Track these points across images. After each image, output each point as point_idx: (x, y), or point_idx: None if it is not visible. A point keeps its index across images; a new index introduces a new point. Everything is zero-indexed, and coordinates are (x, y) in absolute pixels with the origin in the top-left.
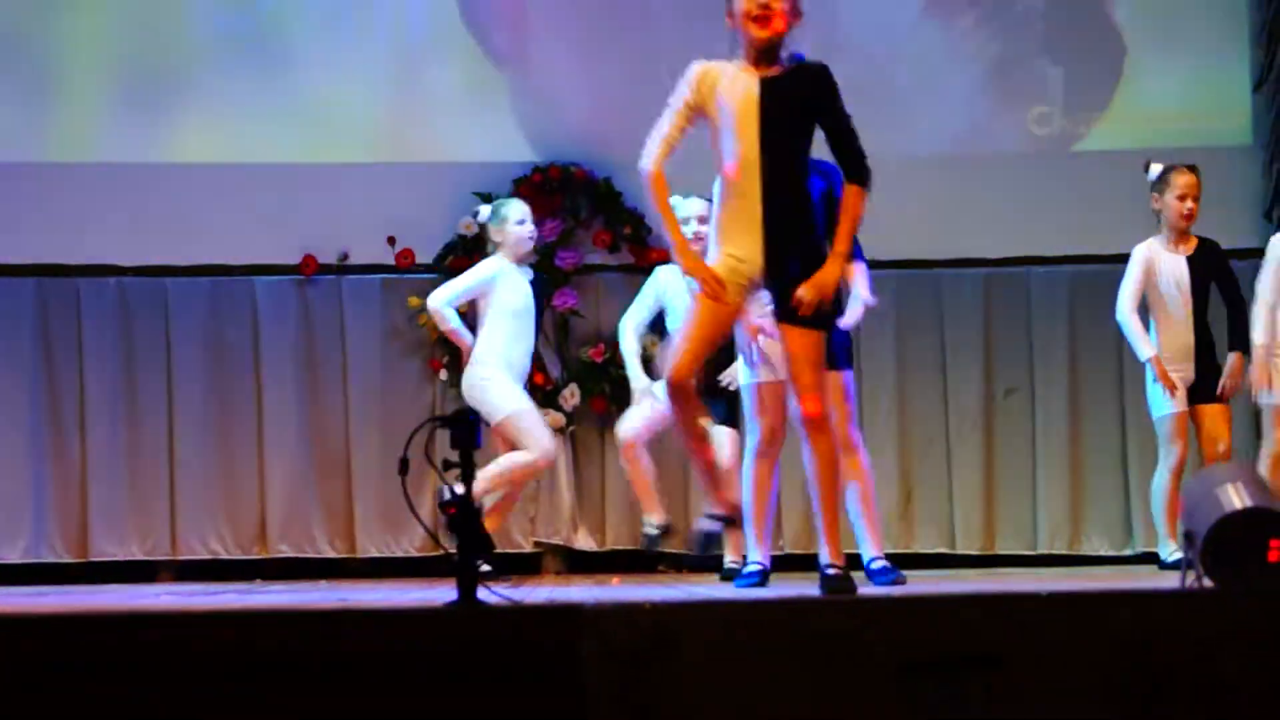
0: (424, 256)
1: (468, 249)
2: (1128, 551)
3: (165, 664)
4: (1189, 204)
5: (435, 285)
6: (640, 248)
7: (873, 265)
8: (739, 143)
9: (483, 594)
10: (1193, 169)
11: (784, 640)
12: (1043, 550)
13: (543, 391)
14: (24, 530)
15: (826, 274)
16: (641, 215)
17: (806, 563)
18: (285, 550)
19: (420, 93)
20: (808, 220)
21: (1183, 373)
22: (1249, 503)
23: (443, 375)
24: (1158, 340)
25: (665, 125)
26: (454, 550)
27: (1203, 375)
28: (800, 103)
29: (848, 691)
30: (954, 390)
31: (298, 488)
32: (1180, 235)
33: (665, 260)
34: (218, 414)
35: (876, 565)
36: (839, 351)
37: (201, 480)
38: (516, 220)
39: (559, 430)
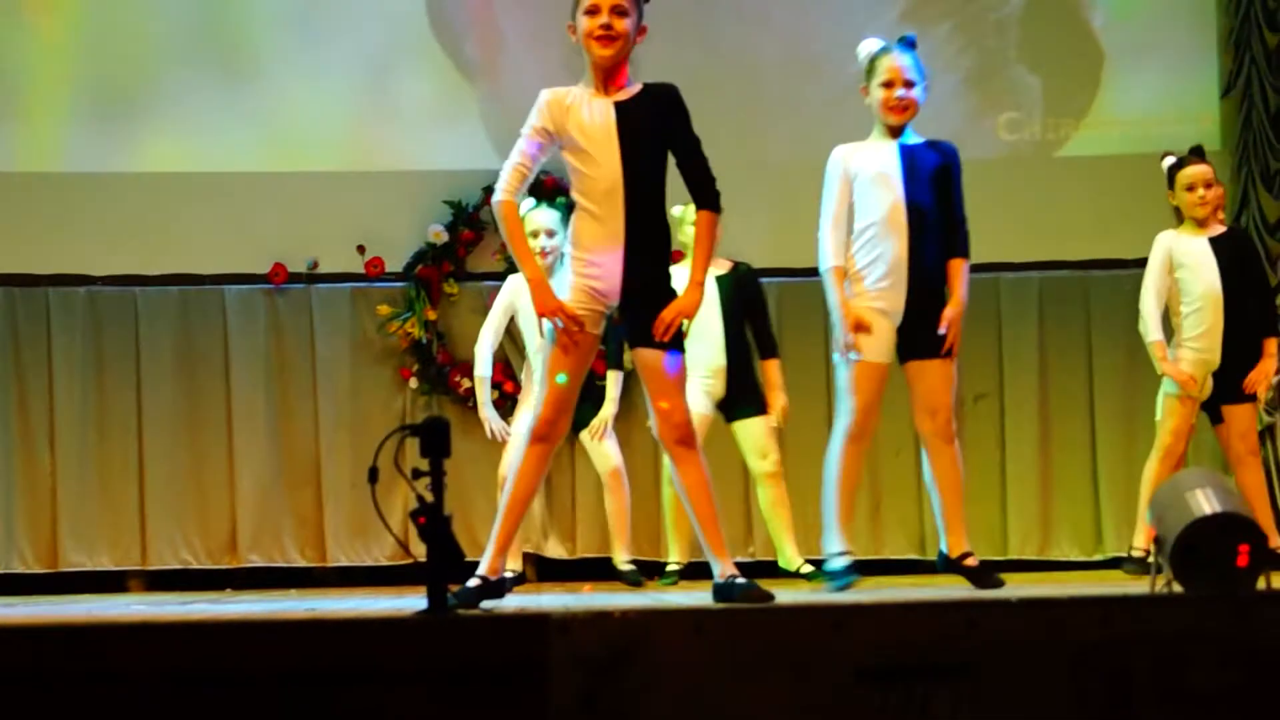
0: (394, 265)
1: (437, 257)
2: (1098, 557)
3: (135, 675)
4: (1200, 192)
5: (405, 294)
6: None
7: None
8: (599, 167)
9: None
10: (1199, 158)
11: (753, 648)
12: (1013, 555)
13: (512, 399)
14: None
15: (689, 300)
16: None
17: (776, 569)
18: (255, 560)
19: (389, 101)
20: (665, 244)
21: (1209, 357)
22: (1218, 508)
23: (412, 384)
24: (1188, 326)
25: (518, 155)
26: (424, 559)
27: (1229, 368)
28: (654, 124)
29: (816, 699)
30: None
31: (268, 497)
32: (1201, 225)
33: None
34: (188, 423)
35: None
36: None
37: (171, 489)
38: (529, 232)
39: None
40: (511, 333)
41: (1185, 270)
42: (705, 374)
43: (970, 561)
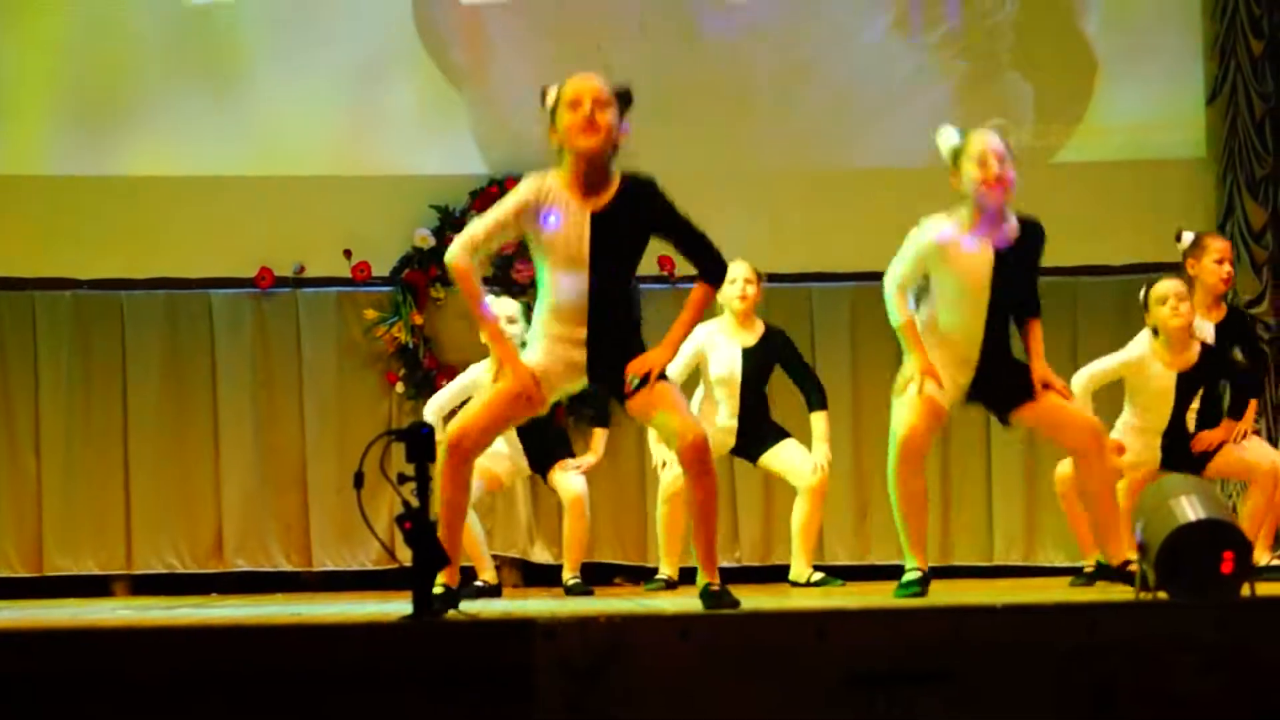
0: (380, 269)
1: (423, 262)
2: (1082, 563)
3: (119, 680)
4: (1227, 268)
5: (391, 298)
6: None
7: (833, 277)
8: (567, 274)
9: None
10: (1223, 234)
11: (737, 652)
12: (998, 562)
13: None
14: None
15: (659, 356)
16: None
17: (761, 574)
18: (241, 564)
19: (376, 106)
20: (630, 325)
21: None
22: (1203, 515)
23: (399, 388)
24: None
25: (482, 229)
26: (409, 564)
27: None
28: (632, 230)
29: (800, 704)
30: None
31: (253, 501)
32: (1215, 301)
33: None
34: (173, 427)
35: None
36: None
37: (157, 494)
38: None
39: None
40: None
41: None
42: (714, 428)
43: (1132, 568)
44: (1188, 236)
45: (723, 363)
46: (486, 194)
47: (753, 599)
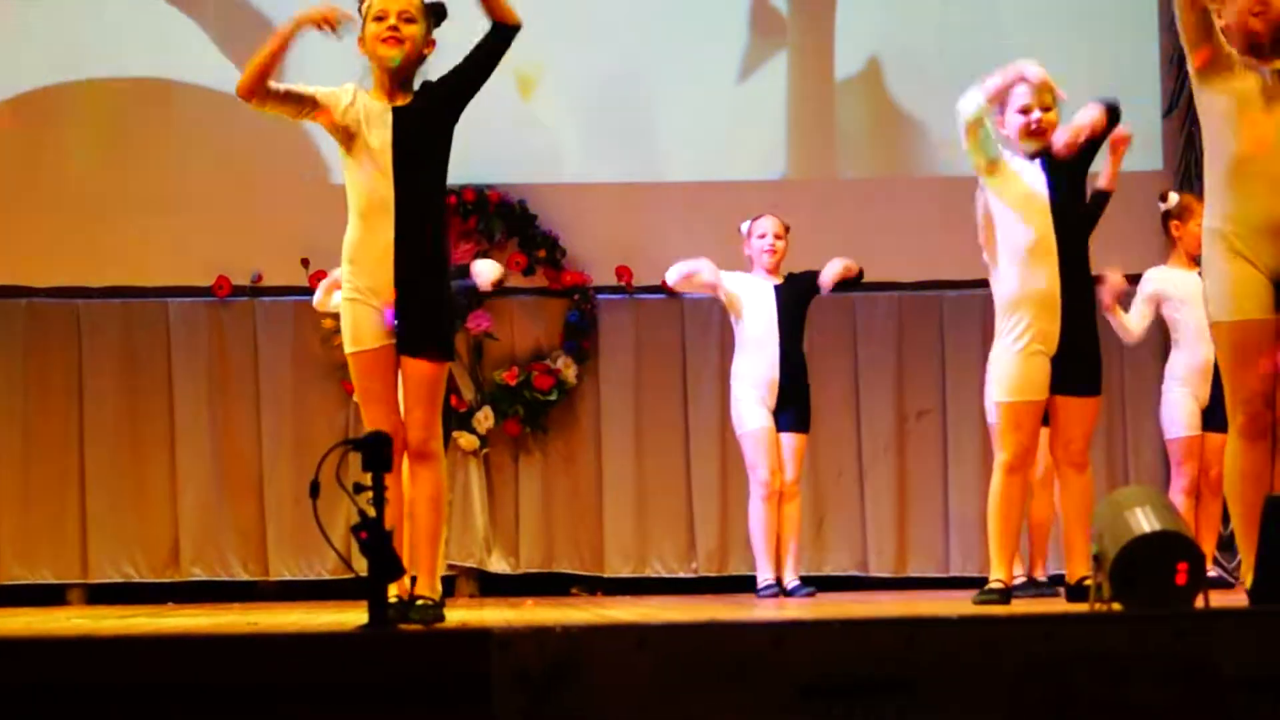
0: None
1: None
2: (1039, 575)
3: (75, 690)
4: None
5: None
6: (555, 271)
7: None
8: (369, 178)
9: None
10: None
11: (695, 663)
12: (955, 573)
13: (456, 414)
14: None
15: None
16: (556, 238)
17: (720, 585)
18: (198, 573)
19: None
20: (440, 248)
21: (1200, 395)
22: (1158, 526)
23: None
24: (1178, 362)
25: (300, 87)
26: (365, 574)
27: (1219, 400)
28: (433, 126)
29: (757, 714)
30: (866, 413)
31: (210, 510)
32: (1195, 263)
33: (581, 284)
34: (129, 436)
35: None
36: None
37: (113, 502)
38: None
39: (472, 453)
40: None
41: (1175, 313)
42: (759, 386)
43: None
44: (1173, 197)
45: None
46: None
47: (710, 609)
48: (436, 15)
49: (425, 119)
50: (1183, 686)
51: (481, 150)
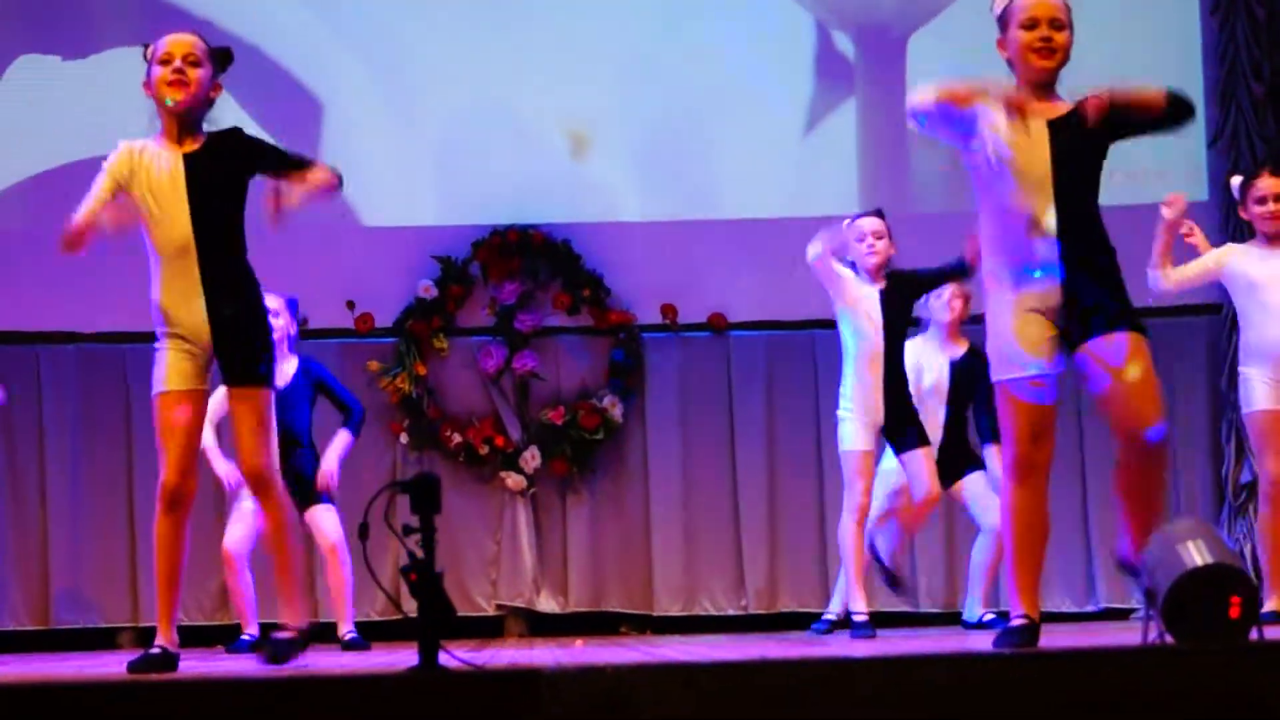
0: (383, 320)
1: (426, 313)
2: (1090, 608)
3: None
4: (1270, 205)
5: (394, 350)
6: (600, 310)
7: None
8: (169, 224)
9: (445, 658)
10: (1273, 170)
11: (744, 702)
12: (1006, 608)
13: (503, 454)
14: None
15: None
16: (600, 277)
17: (770, 622)
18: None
19: (377, 158)
20: (248, 282)
21: (1276, 377)
22: (1210, 559)
23: (403, 439)
24: (1249, 343)
25: (92, 193)
26: (415, 615)
27: None
28: (225, 171)
29: None
30: None
31: (259, 553)
32: (1272, 240)
33: (626, 323)
34: None
35: None
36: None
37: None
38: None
39: (519, 493)
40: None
41: (1247, 292)
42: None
43: None
44: (1235, 181)
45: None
46: (488, 244)
47: (760, 647)
48: (222, 61)
49: (217, 164)
50: None
51: (525, 190)
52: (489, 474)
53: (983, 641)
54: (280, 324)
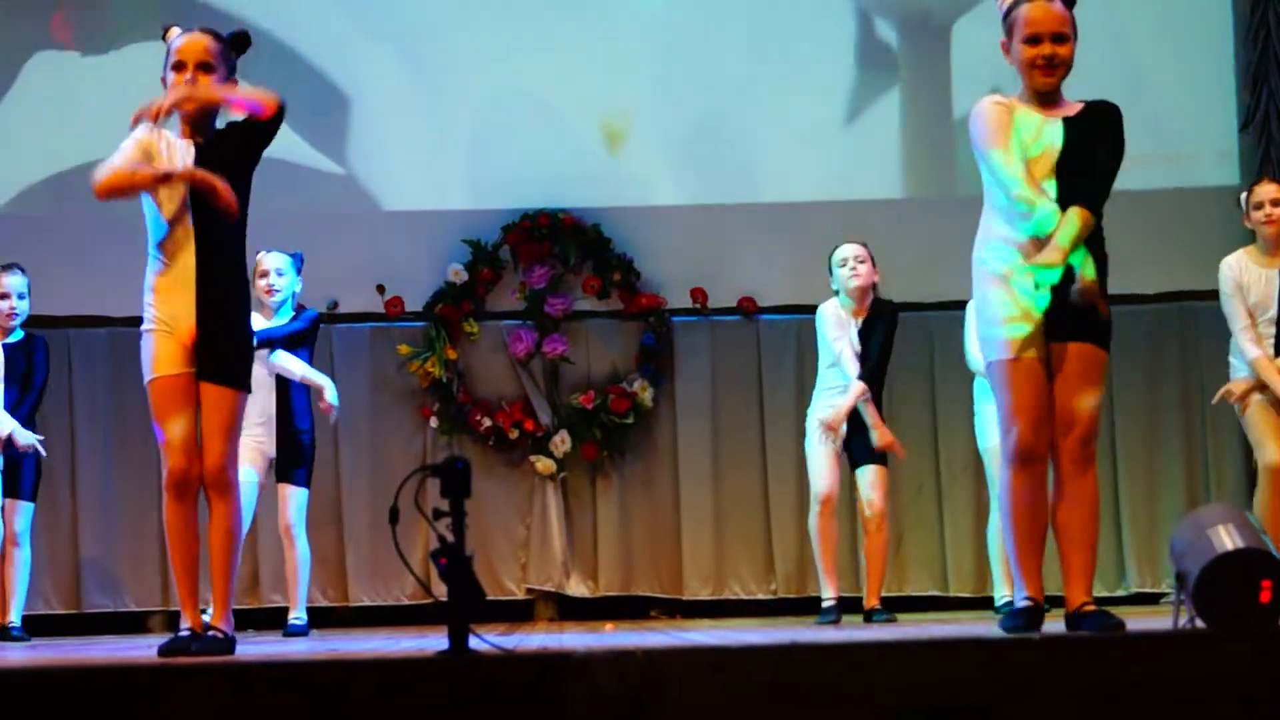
0: (413, 304)
1: (456, 297)
2: (1120, 592)
3: (154, 718)
4: (1267, 210)
5: (424, 334)
6: (630, 294)
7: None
8: (172, 214)
9: (475, 642)
10: (1273, 177)
11: (774, 687)
12: (954, 592)
13: (533, 438)
14: None
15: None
16: (630, 260)
17: (798, 606)
18: (277, 600)
19: (408, 142)
20: (240, 279)
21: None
22: (1241, 544)
23: (433, 423)
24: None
25: (118, 157)
26: (445, 599)
27: None
28: (232, 161)
29: None
30: (945, 430)
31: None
32: (1270, 248)
33: (657, 307)
34: None
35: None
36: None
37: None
38: (260, 272)
39: (549, 477)
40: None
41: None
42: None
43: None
44: (1243, 196)
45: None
46: (519, 228)
47: (789, 631)
48: (238, 46)
49: (224, 157)
50: (1268, 708)
51: (555, 174)
52: (519, 458)
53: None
54: (284, 282)
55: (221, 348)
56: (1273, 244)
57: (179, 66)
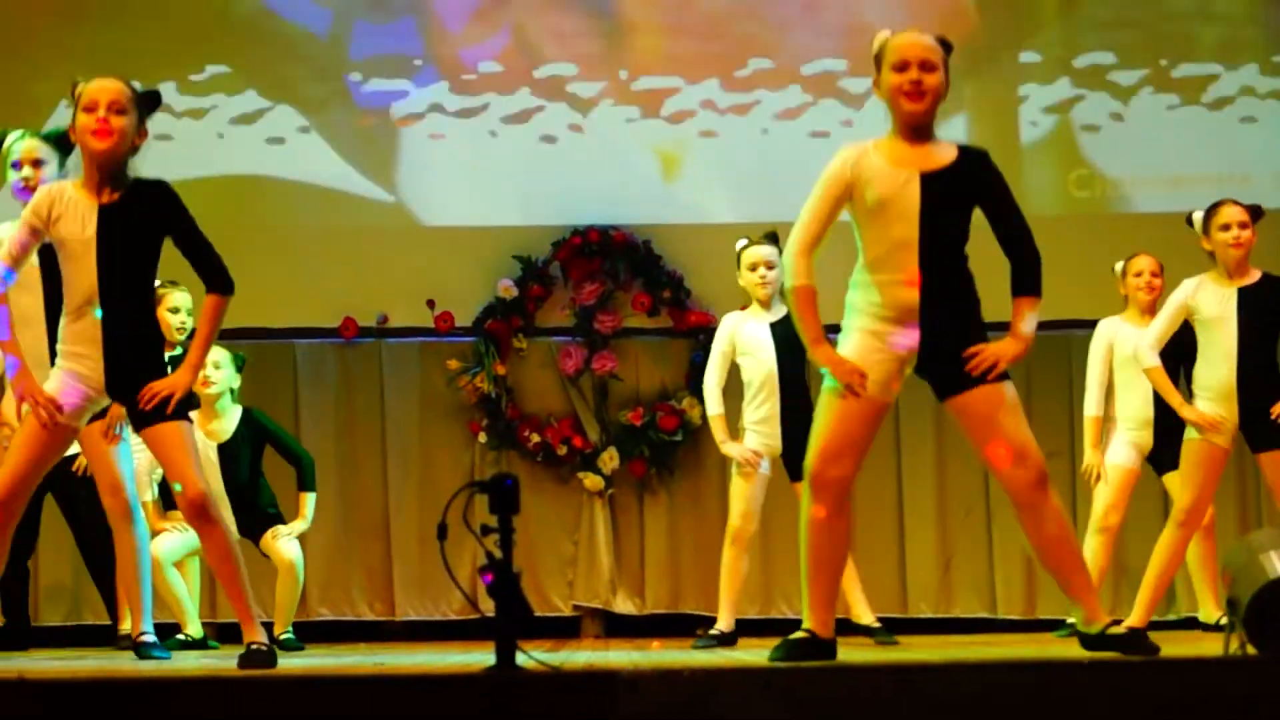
0: (463, 320)
1: (506, 312)
2: (1170, 616)
3: None
4: (1234, 232)
5: (474, 349)
6: (679, 311)
7: None
8: (77, 271)
9: (522, 658)
10: (1234, 201)
11: (820, 705)
12: (1002, 615)
13: (581, 454)
14: (65, 594)
15: (179, 379)
16: (681, 278)
17: (844, 626)
18: (325, 613)
19: (459, 158)
20: (151, 335)
21: (1224, 414)
22: None
23: (481, 438)
24: (1198, 376)
25: (7, 241)
26: (492, 615)
27: (1251, 418)
28: (141, 227)
29: None
30: None
31: (337, 551)
32: (1236, 268)
33: (706, 324)
34: None
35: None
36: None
37: (239, 544)
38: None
39: (597, 493)
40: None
41: (1201, 323)
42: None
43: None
44: (1198, 215)
45: (755, 348)
46: (569, 244)
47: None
48: (149, 104)
49: (131, 222)
50: None
51: (605, 191)
52: (567, 474)
53: (1066, 649)
54: (221, 375)
55: (141, 388)
56: (1234, 266)
57: (90, 108)
